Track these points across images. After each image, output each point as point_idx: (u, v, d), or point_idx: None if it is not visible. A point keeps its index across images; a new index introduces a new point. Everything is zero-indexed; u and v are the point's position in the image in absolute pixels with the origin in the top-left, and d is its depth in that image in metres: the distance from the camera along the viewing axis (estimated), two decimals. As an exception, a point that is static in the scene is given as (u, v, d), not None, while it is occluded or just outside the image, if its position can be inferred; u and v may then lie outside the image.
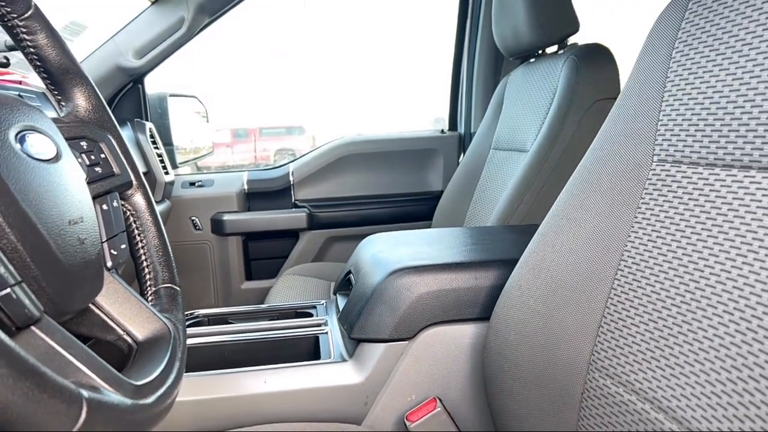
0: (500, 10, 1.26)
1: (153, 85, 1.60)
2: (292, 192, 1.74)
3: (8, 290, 0.29)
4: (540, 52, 1.28)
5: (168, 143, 1.61)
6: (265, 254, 1.75)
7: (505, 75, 1.43)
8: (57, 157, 0.39)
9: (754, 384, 0.37)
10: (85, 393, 0.28)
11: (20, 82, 0.93)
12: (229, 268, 1.71)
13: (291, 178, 1.74)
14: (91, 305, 0.42)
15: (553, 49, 1.24)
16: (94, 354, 0.33)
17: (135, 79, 1.50)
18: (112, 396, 0.31)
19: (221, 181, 1.71)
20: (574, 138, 1.05)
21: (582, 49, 1.11)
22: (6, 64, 0.64)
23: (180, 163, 1.72)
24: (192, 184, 1.70)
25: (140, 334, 0.43)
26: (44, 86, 0.97)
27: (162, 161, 1.48)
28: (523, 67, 1.32)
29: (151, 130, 1.47)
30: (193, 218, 1.67)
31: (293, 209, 1.73)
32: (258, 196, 1.73)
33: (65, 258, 0.36)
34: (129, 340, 0.43)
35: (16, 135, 0.36)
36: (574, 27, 1.15)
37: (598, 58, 1.08)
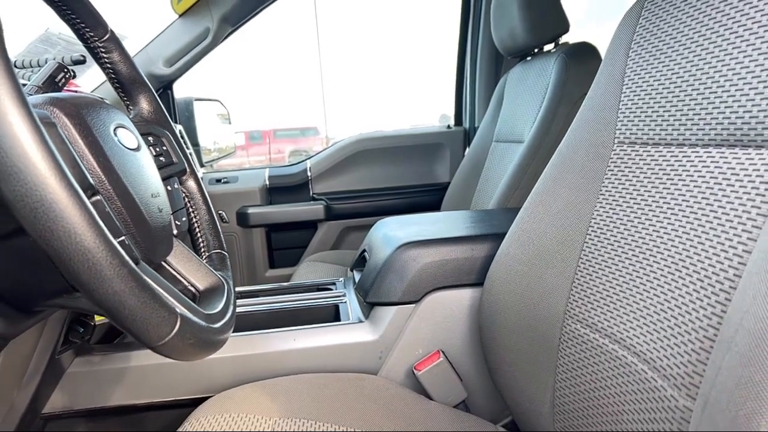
0: (497, 13, 1.34)
1: (179, 90, 1.70)
2: (310, 186, 1.83)
3: (123, 237, 0.40)
4: (536, 50, 1.35)
5: (195, 144, 1.71)
6: (287, 244, 1.84)
7: (505, 73, 1.50)
8: (138, 148, 0.50)
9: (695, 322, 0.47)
10: (178, 309, 0.39)
11: (76, 91, 1.05)
12: (254, 257, 1.81)
13: (309, 174, 1.83)
14: (163, 262, 0.54)
15: (550, 47, 1.32)
16: (177, 290, 0.45)
17: (165, 85, 1.59)
18: (193, 316, 0.42)
19: (245, 177, 1.81)
20: (564, 129, 1.10)
21: (571, 47, 1.19)
22: (74, 76, 0.75)
23: (206, 162, 1.81)
24: (218, 180, 1.80)
25: (201, 285, 0.55)
26: (97, 93, 1.10)
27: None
28: (521, 65, 1.40)
29: (180, 132, 1.58)
30: (220, 212, 1.77)
31: (311, 202, 1.82)
32: (279, 190, 1.82)
33: (151, 221, 0.47)
34: (193, 289, 0.55)
35: (113, 130, 0.47)
36: (564, 27, 1.23)
37: (585, 55, 1.16)
